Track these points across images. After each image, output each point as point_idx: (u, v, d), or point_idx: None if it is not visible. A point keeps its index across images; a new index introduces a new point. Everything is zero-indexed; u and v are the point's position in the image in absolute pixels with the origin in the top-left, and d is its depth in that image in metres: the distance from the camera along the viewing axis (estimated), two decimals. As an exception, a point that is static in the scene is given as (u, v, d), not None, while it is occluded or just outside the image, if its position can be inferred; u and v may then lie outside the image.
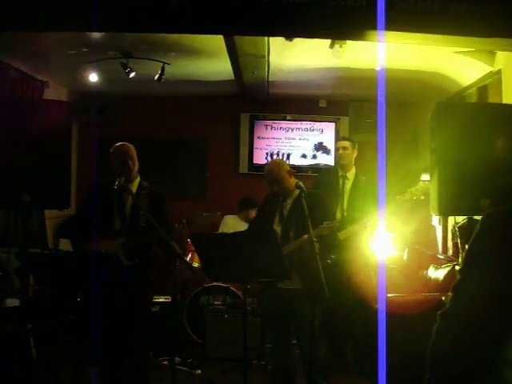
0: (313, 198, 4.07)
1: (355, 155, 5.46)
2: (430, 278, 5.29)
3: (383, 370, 1.91)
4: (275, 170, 4.21)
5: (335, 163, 7.72)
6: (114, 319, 3.99)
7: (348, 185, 5.31)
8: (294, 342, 4.29)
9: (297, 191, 4.08)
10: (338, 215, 5.05)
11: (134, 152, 4.25)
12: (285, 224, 4.14)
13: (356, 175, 5.35)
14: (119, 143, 4.29)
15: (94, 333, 3.76)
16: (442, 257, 6.13)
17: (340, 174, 5.38)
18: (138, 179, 4.26)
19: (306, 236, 3.85)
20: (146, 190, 4.23)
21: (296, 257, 3.97)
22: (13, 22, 3.63)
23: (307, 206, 3.82)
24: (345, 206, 5.17)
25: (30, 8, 3.46)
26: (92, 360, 3.90)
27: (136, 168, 4.24)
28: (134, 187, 4.20)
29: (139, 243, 4.06)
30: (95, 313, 3.60)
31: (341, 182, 5.31)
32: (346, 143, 5.48)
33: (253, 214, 6.67)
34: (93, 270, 3.24)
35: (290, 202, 4.17)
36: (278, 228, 4.11)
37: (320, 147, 7.88)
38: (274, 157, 7.82)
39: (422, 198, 4.38)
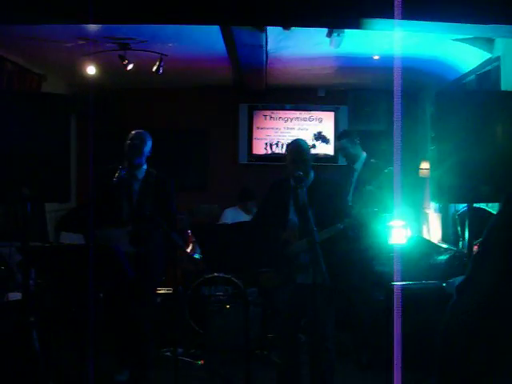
0: (331, 186, 3.90)
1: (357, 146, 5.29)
2: (431, 266, 5.30)
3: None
4: (306, 149, 3.85)
5: (335, 152, 7.72)
6: (116, 308, 4.10)
7: (355, 176, 5.21)
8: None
9: (311, 177, 3.80)
10: None
11: (143, 138, 4.31)
12: (302, 213, 3.71)
13: (366, 160, 5.24)
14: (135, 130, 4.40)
15: (91, 324, 3.78)
16: (442, 244, 6.14)
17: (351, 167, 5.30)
18: (145, 166, 4.34)
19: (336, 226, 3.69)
20: (153, 176, 4.33)
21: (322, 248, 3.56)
22: (9, 14, 3.62)
23: (326, 194, 3.70)
24: (350, 200, 5.07)
25: (26, 1, 3.44)
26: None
27: (142, 154, 4.29)
28: (141, 174, 4.31)
29: (144, 230, 4.15)
30: (92, 305, 3.61)
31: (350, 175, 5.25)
32: (341, 144, 5.34)
33: (251, 205, 6.64)
34: (92, 262, 3.25)
35: (304, 189, 3.69)
36: (295, 217, 3.82)
37: (319, 137, 7.86)
38: (274, 147, 7.80)
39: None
